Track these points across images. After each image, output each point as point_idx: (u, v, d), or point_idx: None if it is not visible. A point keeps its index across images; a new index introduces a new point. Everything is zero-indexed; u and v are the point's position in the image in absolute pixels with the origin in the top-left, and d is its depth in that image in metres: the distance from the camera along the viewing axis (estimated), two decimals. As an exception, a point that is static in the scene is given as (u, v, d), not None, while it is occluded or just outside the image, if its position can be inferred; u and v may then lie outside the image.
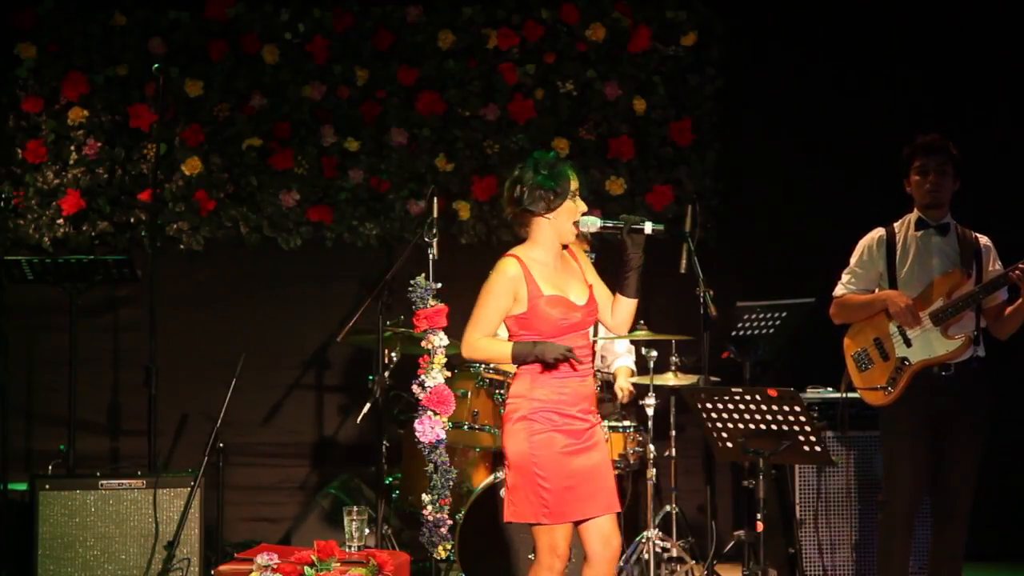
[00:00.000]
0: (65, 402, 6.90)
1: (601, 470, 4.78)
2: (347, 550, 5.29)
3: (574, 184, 4.78)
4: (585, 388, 4.78)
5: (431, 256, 5.80)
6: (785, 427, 4.96)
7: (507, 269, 4.76)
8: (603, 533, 4.77)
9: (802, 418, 4.93)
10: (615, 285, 4.86)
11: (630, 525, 6.43)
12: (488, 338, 4.79)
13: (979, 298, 5.51)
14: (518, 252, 4.81)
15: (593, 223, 4.78)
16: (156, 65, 6.88)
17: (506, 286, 4.73)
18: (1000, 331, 5.62)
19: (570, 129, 7.69)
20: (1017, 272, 5.39)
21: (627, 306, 4.85)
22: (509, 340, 4.82)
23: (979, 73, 7.55)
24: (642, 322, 6.33)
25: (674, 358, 6.57)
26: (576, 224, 4.78)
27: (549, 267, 4.79)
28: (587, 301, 4.80)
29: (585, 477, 4.72)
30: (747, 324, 6.25)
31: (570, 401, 4.74)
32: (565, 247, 4.87)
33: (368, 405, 6.49)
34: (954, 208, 5.68)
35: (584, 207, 4.80)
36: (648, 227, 4.76)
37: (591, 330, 4.95)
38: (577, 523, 4.77)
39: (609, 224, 4.79)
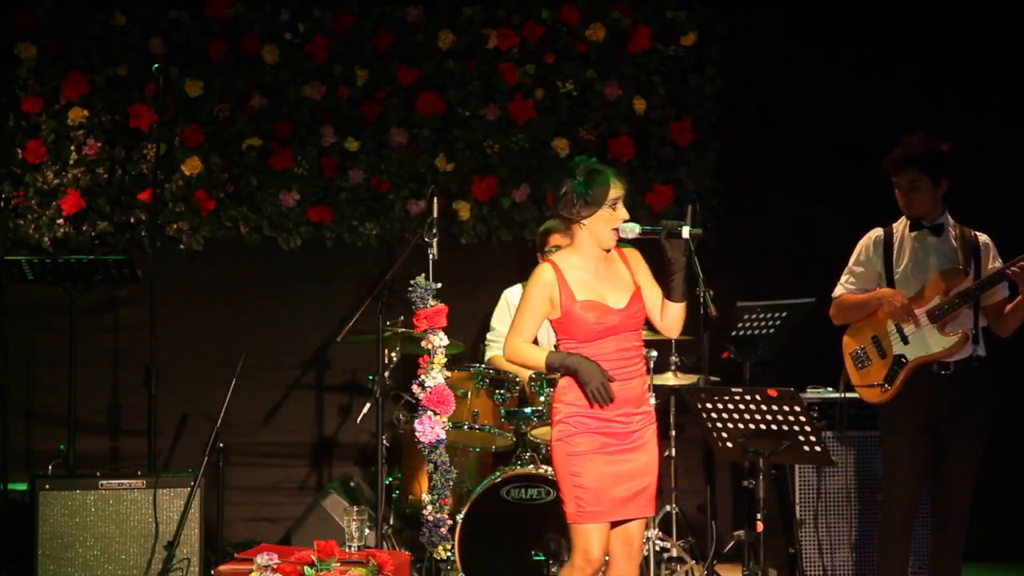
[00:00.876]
0: (65, 402, 6.89)
1: (644, 473, 4.78)
2: (347, 550, 5.30)
3: (614, 192, 4.78)
4: (627, 392, 4.77)
5: (431, 256, 5.81)
6: (785, 427, 4.97)
7: (542, 275, 4.81)
8: (628, 534, 4.80)
9: (802, 418, 4.94)
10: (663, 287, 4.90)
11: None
12: (527, 344, 4.84)
13: (976, 295, 5.51)
14: (556, 257, 4.86)
15: (632, 229, 4.79)
16: (156, 65, 6.88)
17: (541, 292, 4.78)
18: (1001, 328, 5.62)
19: (570, 129, 7.68)
20: (1015, 269, 5.39)
21: (674, 310, 4.86)
22: (556, 342, 4.88)
23: (979, 72, 7.55)
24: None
25: (674, 358, 6.58)
26: (616, 231, 4.79)
27: (588, 272, 4.80)
28: (627, 304, 4.79)
29: (625, 479, 4.75)
30: (747, 324, 6.25)
31: (609, 406, 4.74)
32: (613, 249, 4.88)
33: (368, 405, 6.49)
34: (953, 206, 5.68)
35: (625, 214, 4.79)
36: (685, 231, 4.76)
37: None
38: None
39: (648, 230, 4.81)
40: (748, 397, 4.97)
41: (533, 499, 6.07)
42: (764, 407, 4.96)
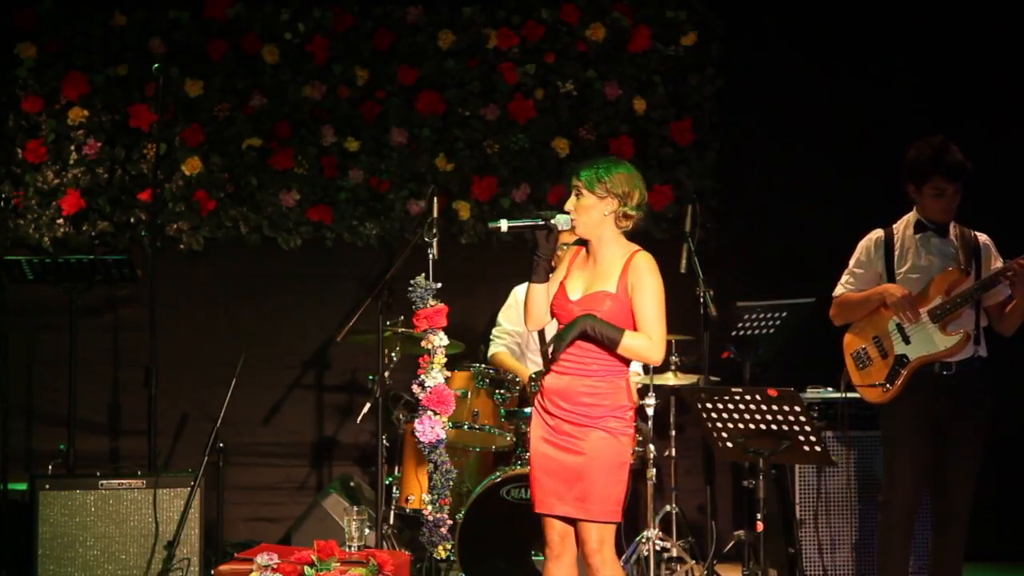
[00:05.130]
0: (65, 402, 6.89)
1: (577, 474, 4.74)
2: (347, 550, 5.30)
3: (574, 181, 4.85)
4: (558, 384, 4.81)
5: (431, 256, 5.80)
6: (785, 427, 4.97)
7: (571, 249, 4.97)
8: (582, 539, 4.79)
9: (802, 418, 4.93)
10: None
11: (630, 525, 6.43)
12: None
13: (977, 294, 5.51)
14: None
15: (503, 224, 4.80)
16: (156, 65, 6.87)
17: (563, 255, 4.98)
18: (1003, 328, 5.62)
19: (570, 129, 7.68)
20: (1010, 273, 5.39)
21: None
22: None
23: (980, 71, 7.55)
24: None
25: (674, 358, 6.57)
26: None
27: (583, 259, 4.89)
28: (583, 298, 4.79)
29: (553, 473, 4.78)
30: (747, 324, 6.24)
31: (543, 391, 4.87)
32: (634, 251, 4.88)
33: (368, 405, 6.49)
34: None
35: (568, 206, 4.82)
36: (560, 221, 4.75)
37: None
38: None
39: (517, 224, 4.82)
40: (748, 397, 4.97)
41: (533, 499, 6.05)
42: (764, 407, 4.95)
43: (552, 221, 4.78)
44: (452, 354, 6.13)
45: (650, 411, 6.41)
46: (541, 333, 6.58)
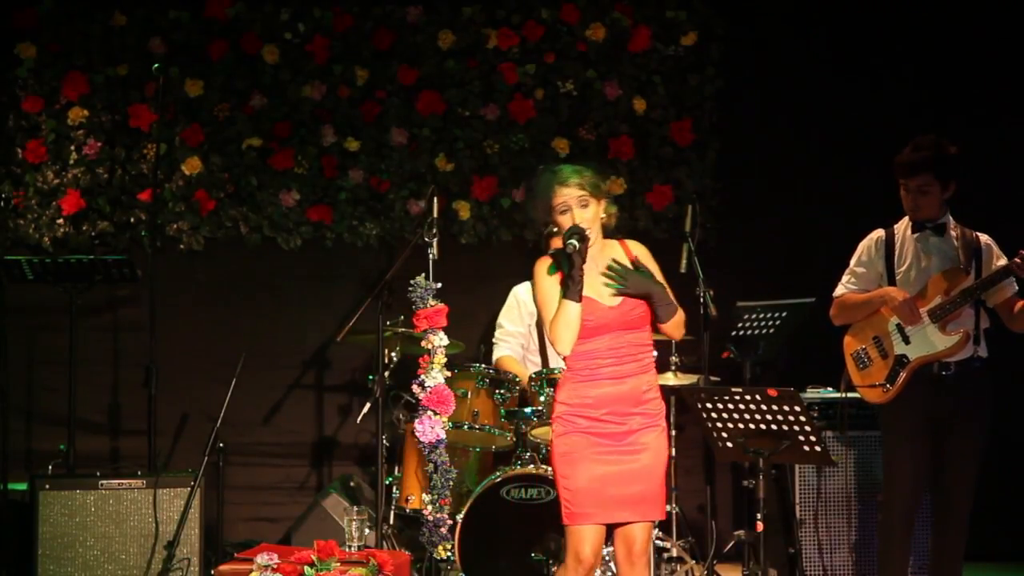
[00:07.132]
0: (65, 402, 6.89)
1: (642, 475, 4.73)
2: (347, 550, 5.30)
3: (556, 199, 4.75)
4: (622, 390, 4.75)
5: (431, 256, 5.81)
6: (785, 427, 4.97)
7: (546, 267, 4.85)
8: (628, 537, 4.76)
9: (802, 418, 4.93)
10: None
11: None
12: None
13: (977, 294, 5.50)
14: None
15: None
16: (156, 65, 6.88)
17: (551, 282, 4.82)
18: (1016, 327, 5.61)
19: (570, 129, 7.68)
20: (1016, 261, 5.37)
21: (666, 326, 4.85)
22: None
23: (979, 70, 7.55)
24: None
25: (674, 358, 6.57)
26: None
27: (590, 268, 4.76)
28: (622, 302, 4.76)
29: (615, 481, 4.70)
30: (747, 324, 6.25)
31: (597, 404, 4.73)
32: (620, 241, 4.88)
33: (368, 405, 6.49)
34: (953, 206, 5.68)
35: (576, 219, 4.72)
36: (570, 244, 4.65)
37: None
38: (612, 528, 4.78)
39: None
40: (748, 397, 4.97)
41: (533, 499, 6.06)
42: (764, 407, 4.95)
43: (580, 241, 4.68)
44: (452, 354, 6.14)
45: (650, 411, 6.40)
46: (540, 333, 6.59)
